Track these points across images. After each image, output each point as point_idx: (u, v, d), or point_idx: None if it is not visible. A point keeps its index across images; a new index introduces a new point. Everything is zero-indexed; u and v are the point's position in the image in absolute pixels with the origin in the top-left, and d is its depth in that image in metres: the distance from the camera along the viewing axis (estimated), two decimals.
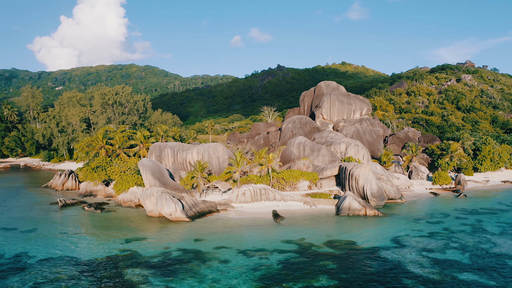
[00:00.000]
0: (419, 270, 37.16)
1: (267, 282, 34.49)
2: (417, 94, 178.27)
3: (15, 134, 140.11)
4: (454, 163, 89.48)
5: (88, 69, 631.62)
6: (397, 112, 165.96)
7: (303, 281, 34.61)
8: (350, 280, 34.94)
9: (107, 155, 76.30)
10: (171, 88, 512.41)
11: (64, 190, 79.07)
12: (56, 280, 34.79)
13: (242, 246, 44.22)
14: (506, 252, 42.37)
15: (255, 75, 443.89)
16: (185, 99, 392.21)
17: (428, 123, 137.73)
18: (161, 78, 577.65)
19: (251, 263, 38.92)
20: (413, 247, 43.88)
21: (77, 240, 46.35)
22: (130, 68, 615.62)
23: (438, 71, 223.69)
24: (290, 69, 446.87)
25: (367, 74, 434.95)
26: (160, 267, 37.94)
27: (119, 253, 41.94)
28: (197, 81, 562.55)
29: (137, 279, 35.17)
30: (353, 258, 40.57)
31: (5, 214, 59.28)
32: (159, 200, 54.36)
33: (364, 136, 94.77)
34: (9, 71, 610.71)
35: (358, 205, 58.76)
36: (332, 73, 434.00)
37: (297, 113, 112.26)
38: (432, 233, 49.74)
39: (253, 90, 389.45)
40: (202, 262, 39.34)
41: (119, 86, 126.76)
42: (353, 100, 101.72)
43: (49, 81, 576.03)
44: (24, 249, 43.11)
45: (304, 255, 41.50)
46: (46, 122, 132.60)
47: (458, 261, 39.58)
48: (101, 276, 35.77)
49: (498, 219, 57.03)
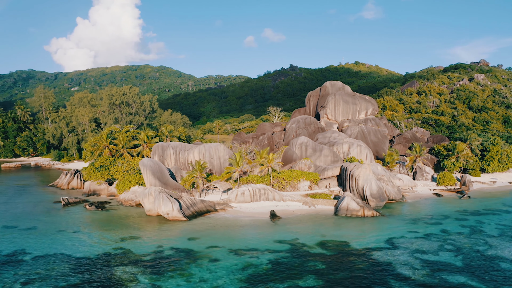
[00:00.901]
0: (408, 271, 36.87)
1: (253, 281, 34.68)
2: (428, 94, 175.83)
3: (27, 134, 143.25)
4: (460, 164, 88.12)
5: (103, 70, 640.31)
6: (407, 112, 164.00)
7: (289, 281, 34.70)
8: (337, 281, 34.90)
9: (111, 155, 77.49)
10: (185, 88, 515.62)
11: (69, 189, 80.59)
12: (48, 277, 35.61)
13: (234, 245, 44.48)
14: (501, 254, 41.69)
15: (267, 75, 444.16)
16: (197, 99, 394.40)
17: (437, 123, 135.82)
18: (174, 79, 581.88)
19: (240, 263, 39.16)
20: (406, 249, 43.50)
21: (73, 238, 47.25)
22: (144, 69, 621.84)
23: (451, 70, 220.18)
24: (303, 69, 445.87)
25: (380, 74, 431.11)
26: (150, 265, 38.48)
27: (113, 251, 42.66)
28: (210, 81, 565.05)
29: (126, 276, 35.75)
30: (343, 259, 40.44)
31: (9, 211, 60.78)
32: (156, 200, 55.03)
33: (369, 136, 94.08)
34: (26, 72, 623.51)
35: (356, 206, 58.44)
36: (345, 73, 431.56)
37: (303, 113, 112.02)
38: (428, 234, 49.20)
39: (265, 90, 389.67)
40: (193, 261, 39.73)
41: (127, 87, 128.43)
42: (358, 100, 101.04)
43: (65, 81, 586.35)
44: (22, 246, 44.21)
45: (294, 255, 41.55)
46: (56, 122, 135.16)
47: (450, 263, 39.11)
48: (92, 273, 36.44)
49: (500, 221, 56.05)
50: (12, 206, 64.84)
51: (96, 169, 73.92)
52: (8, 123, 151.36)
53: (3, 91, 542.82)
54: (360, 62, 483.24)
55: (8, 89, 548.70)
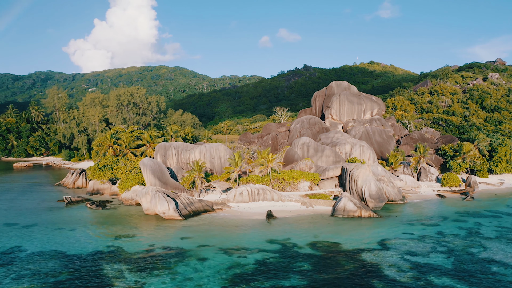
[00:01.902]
0: (394, 273, 36.59)
1: (237, 281, 34.93)
2: (440, 93, 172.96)
3: (39, 134, 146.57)
4: (466, 165, 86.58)
5: (119, 71, 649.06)
6: (418, 112, 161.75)
7: (273, 281, 34.83)
8: (320, 281, 34.88)
9: (115, 155, 78.79)
10: (199, 88, 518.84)
11: (75, 188, 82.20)
12: (38, 273, 36.58)
13: (225, 245, 44.82)
14: (494, 257, 40.96)
15: (281, 75, 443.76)
16: (211, 99, 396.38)
17: (447, 123, 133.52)
18: (190, 79, 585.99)
19: (228, 262, 39.47)
20: (397, 250, 43.12)
21: (70, 236, 48.29)
22: (160, 70, 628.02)
23: (465, 69, 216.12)
24: (317, 69, 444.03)
25: (395, 73, 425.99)
26: (138, 263, 39.10)
27: (105, 249, 43.48)
28: (225, 81, 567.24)
29: (113, 274, 36.44)
30: (331, 259, 40.35)
31: (12, 210, 62.42)
32: (152, 199, 55.81)
33: (374, 137, 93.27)
34: (44, 73, 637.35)
35: (353, 207, 58.13)
36: (359, 73, 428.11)
37: (309, 113, 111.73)
38: (423, 236, 48.63)
39: (279, 90, 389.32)
40: (181, 259, 40.21)
41: (134, 87, 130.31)
42: (363, 100, 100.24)
43: (82, 82, 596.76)
44: (19, 243, 45.44)
45: (283, 255, 41.65)
46: (67, 123, 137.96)
47: (440, 266, 38.64)
48: (81, 270, 37.27)
49: (500, 223, 54.99)
50: (17, 204, 66.58)
51: (99, 169, 75.27)
52: (22, 123, 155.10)
53: (22, 92, 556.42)
54: (375, 61, 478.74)
55: (27, 90, 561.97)
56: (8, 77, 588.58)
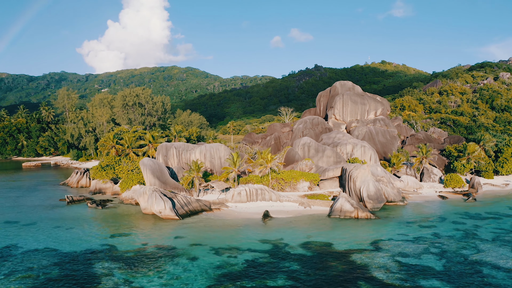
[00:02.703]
0: (382, 275, 36.38)
1: (223, 280, 35.17)
2: (450, 93, 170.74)
3: (49, 134, 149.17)
4: (471, 166, 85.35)
5: (132, 71, 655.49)
6: (427, 112, 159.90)
7: (259, 281, 34.98)
8: (306, 282, 34.91)
9: (117, 154, 79.79)
10: (211, 89, 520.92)
11: (78, 187, 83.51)
12: (30, 269, 37.41)
13: (217, 244, 45.09)
14: (486, 259, 40.39)
15: (292, 75, 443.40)
16: (222, 99, 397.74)
17: (455, 123, 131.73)
18: (201, 79, 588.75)
19: (217, 262, 39.73)
20: (389, 251, 42.84)
21: (66, 234, 49.16)
22: (172, 70, 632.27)
23: (476, 69, 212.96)
24: (328, 68, 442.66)
25: (407, 73, 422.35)
26: (129, 261, 39.62)
27: (99, 247, 44.16)
28: (236, 82, 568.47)
29: (102, 271, 37.01)
30: (321, 260, 40.29)
31: (15, 208, 63.78)
32: (149, 198, 56.41)
33: (377, 137, 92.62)
34: (58, 74, 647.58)
35: (350, 207, 57.87)
36: (370, 72, 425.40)
37: (314, 114, 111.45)
38: (417, 237, 48.19)
39: (289, 90, 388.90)
40: (171, 258, 40.61)
41: (139, 88, 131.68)
42: (367, 100, 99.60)
43: (95, 83, 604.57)
44: (15, 240, 46.46)
45: (273, 255, 41.75)
46: (75, 123, 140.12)
47: (429, 267, 38.29)
48: (72, 267, 37.98)
49: (499, 225, 54.13)
50: (21, 202, 67.99)
51: (102, 168, 76.33)
52: (32, 123, 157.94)
53: (37, 92, 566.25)
54: (386, 61, 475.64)
55: (41, 90, 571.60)
56: (23, 78, 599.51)
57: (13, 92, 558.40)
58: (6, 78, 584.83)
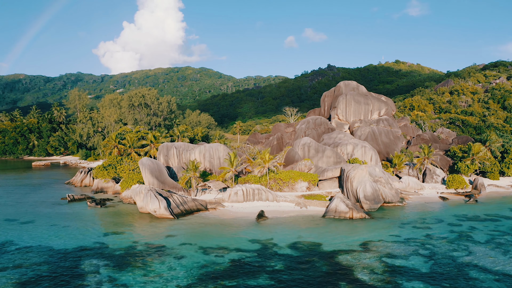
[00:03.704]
0: (365, 275, 36.22)
1: (205, 279, 35.50)
2: (461, 93, 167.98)
3: (59, 134, 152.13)
4: (475, 166, 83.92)
5: (146, 72, 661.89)
6: (436, 112, 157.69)
7: (241, 280, 35.21)
8: (287, 281, 34.99)
9: (120, 154, 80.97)
10: (224, 89, 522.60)
11: (82, 186, 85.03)
12: (20, 266, 38.44)
13: (206, 244, 45.46)
14: (475, 262, 39.80)
15: (304, 75, 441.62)
16: (235, 100, 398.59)
17: (464, 123, 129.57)
18: (215, 80, 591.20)
19: (203, 261, 40.10)
20: (377, 252, 42.56)
21: (61, 232, 50.20)
22: (186, 71, 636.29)
23: (490, 68, 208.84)
24: (341, 68, 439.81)
25: (421, 73, 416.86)
26: (117, 259, 40.30)
27: (91, 245, 45.01)
28: (250, 82, 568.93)
29: (89, 269, 37.77)
30: (307, 260, 40.27)
31: (17, 206, 65.39)
32: (144, 198, 57.17)
33: (380, 137, 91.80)
34: (75, 74, 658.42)
35: (345, 208, 57.61)
36: (384, 72, 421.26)
37: (318, 114, 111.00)
38: (409, 238, 47.73)
39: (302, 90, 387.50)
40: (159, 257, 41.15)
41: (146, 89, 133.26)
42: (370, 100, 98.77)
43: (111, 84, 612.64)
44: (12, 237, 47.70)
45: (260, 255, 41.90)
46: (84, 123, 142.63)
47: (415, 269, 37.94)
48: (60, 264, 38.85)
49: (495, 227, 53.17)
50: (23, 201, 69.60)
51: (104, 168, 77.57)
52: (43, 123, 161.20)
53: (53, 93, 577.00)
54: (400, 60, 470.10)
55: (58, 91, 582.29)
56: (40, 78, 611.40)
57: (30, 92, 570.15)
58: (24, 79, 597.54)
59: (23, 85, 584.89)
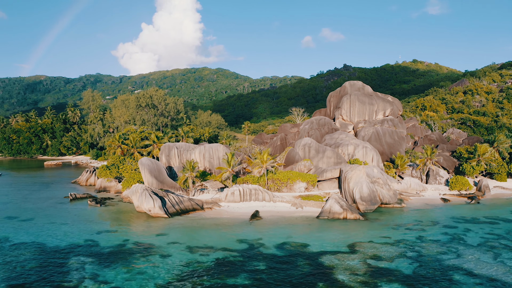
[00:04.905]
0: (345, 276, 36.05)
1: (185, 277, 35.96)
2: (475, 92, 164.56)
3: (71, 134, 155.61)
4: (481, 168, 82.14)
5: (164, 73, 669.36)
6: (449, 112, 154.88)
7: (219, 279, 35.53)
8: (264, 280, 35.16)
9: (123, 154, 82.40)
10: (241, 90, 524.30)
11: (87, 185, 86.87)
12: (11, 262, 39.63)
13: (194, 243, 45.99)
14: (462, 265, 39.08)
15: (320, 75, 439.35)
16: (250, 100, 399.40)
17: (475, 124, 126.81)
18: (231, 80, 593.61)
19: (187, 259, 40.57)
20: (363, 254, 42.24)
21: (57, 230, 51.50)
22: (202, 71, 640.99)
23: (507, 67, 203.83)
24: (357, 68, 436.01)
25: (439, 72, 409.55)
26: (104, 256, 41.16)
27: (82, 243, 46.07)
28: (266, 82, 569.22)
29: (75, 265, 38.70)
30: (290, 260, 40.30)
31: (20, 204, 67.35)
32: (140, 197, 58.11)
33: (384, 138, 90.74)
34: (94, 76, 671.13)
35: (339, 209, 57.31)
36: (401, 72, 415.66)
37: (324, 114, 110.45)
38: (399, 240, 47.19)
39: (317, 90, 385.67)
40: (145, 255, 41.85)
41: (153, 89, 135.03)
42: (375, 100, 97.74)
43: (129, 85, 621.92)
44: (8, 234, 49.22)
45: (245, 254, 42.13)
46: (94, 123, 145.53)
47: (398, 271, 37.55)
48: (49, 260, 39.93)
49: (491, 230, 52.01)
50: (28, 199, 71.61)
51: (107, 168, 79.07)
52: (57, 124, 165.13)
53: (73, 94, 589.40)
54: (418, 60, 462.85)
55: (77, 92, 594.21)
56: (60, 80, 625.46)
57: (51, 93, 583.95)
58: (45, 80, 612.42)
59: (43, 86, 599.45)
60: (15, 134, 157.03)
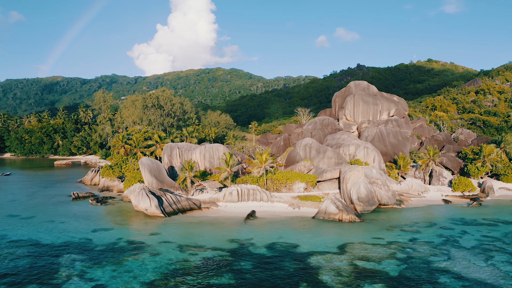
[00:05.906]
0: (329, 277, 35.98)
1: (169, 275, 36.41)
2: (487, 92, 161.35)
3: (82, 134, 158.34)
4: (486, 168, 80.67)
5: (178, 74, 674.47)
6: (460, 112, 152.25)
7: (202, 278, 35.87)
8: (249, 280, 35.37)
9: (126, 154, 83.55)
10: (254, 90, 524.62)
11: (92, 185, 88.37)
12: (4, 258, 40.72)
13: (185, 242, 46.45)
14: (452, 267, 38.56)
15: (333, 75, 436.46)
16: (263, 100, 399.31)
17: (485, 124, 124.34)
18: (245, 81, 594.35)
19: (175, 258, 41.03)
20: (352, 255, 42.05)
21: (54, 228, 52.62)
22: (216, 72, 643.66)
23: None
24: (371, 68, 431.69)
25: (455, 72, 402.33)
26: (95, 255, 41.93)
27: (76, 240, 47.02)
28: (279, 82, 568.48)
29: (65, 263, 39.56)
30: (277, 260, 40.40)
31: (23, 203, 68.96)
32: (137, 196, 58.91)
33: (388, 138, 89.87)
34: (110, 76, 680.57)
35: (335, 209, 57.07)
36: (415, 71, 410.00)
37: (329, 114, 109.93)
38: (391, 242, 46.77)
39: (330, 90, 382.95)
40: (135, 253, 42.47)
41: (160, 90, 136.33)
42: (379, 101, 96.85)
43: (144, 85, 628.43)
44: (7, 232, 50.52)
45: (234, 254, 42.37)
46: (103, 124, 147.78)
47: (384, 272, 37.30)
48: (41, 257, 40.91)
49: (489, 232, 51.14)
50: (32, 198, 73.30)
51: (110, 167, 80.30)
52: (68, 124, 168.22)
53: (89, 94, 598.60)
54: (433, 59, 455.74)
55: (93, 92, 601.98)
56: (77, 81, 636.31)
57: (67, 94, 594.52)
58: (62, 81, 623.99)
59: (60, 87, 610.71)
60: (27, 134, 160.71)
